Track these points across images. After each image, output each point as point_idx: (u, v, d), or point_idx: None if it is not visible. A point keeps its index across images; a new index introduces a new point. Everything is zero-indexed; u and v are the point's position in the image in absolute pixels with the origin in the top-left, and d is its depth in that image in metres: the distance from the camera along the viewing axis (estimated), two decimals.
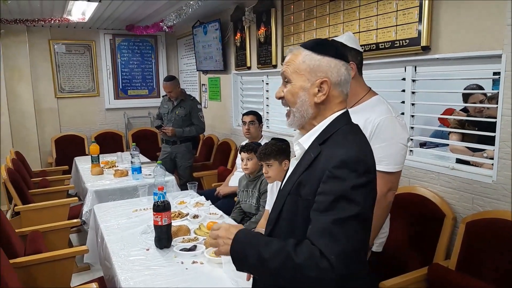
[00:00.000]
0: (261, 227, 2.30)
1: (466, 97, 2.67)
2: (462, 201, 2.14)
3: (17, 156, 4.22)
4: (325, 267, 0.97)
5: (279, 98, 1.22)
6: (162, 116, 4.31)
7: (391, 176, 1.61)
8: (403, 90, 2.48)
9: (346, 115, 1.19)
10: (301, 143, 1.19)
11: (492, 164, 2.01)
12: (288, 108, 1.20)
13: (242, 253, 1.10)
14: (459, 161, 2.40)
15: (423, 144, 2.99)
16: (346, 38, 1.70)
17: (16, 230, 2.64)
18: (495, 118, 1.98)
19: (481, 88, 2.67)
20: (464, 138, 2.56)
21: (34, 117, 5.43)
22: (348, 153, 1.05)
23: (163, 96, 4.48)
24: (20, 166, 4.00)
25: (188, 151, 4.29)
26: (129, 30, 5.56)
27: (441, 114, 2.97)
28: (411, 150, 2.49)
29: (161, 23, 4.53)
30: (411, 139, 2.48)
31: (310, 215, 1.06)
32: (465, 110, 2.94)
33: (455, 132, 2.62)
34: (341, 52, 1.18)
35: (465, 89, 2.63)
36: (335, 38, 1.71)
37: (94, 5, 4.06)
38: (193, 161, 4.44)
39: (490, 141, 2.04)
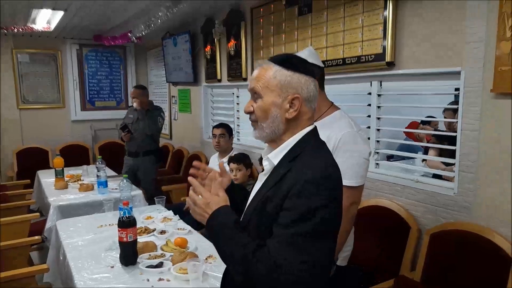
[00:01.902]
0: None
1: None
2: (426, 213, 2.19)
3: None
4: (275, 278, 1.00)
5: (248, 113, 1.21)
6: (127, 126, 4.21)
7: (354, 190, 1.62)
8: (369, 105, 2.53)
9: (315, 131, 1.20)
10: (270, 159, 1.19)
11: (453, 177, 2.07)
12: (255, 121, 1.20)
13: (213, 234, 1.15)
14: (435, 176, 2.44)
15: (390, 157, 3.06)
16: (307, 54, 1.70)
17: None
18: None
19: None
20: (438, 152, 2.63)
21: None
22: (315, 172, 1.06)
23: (129, 107, 4.40)
24: None
25: (151, 164, 4.21)
26: (97, 41, 5.45)
27: (405, 127, 3.06)
28: (377, 163, 2.54)
29: (129, 34, 4.47)
30: (377, 152, 2.53)
31: (273, 228, 1.07)
32: (427, 123, 3.04)
33: (428, 146, 2.69)
34: (310, 68, 1.20)
35: (449, 104, 2.66)
36: (297, 53, 1.73)
37: (60, 13, 3.97)
38: (156, 175, 4.36)
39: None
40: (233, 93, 4.11)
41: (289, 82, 1.13)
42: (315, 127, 1.21)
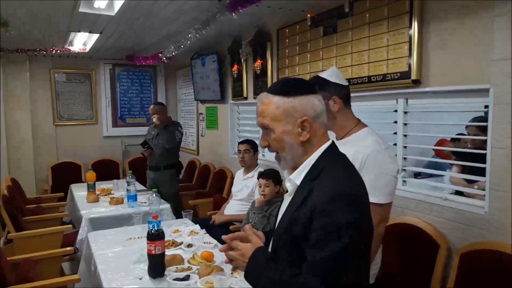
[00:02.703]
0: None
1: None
2: (456, 231, 2.15)
3: (13, 183, 4.21)
4: None
5: (265, 147, 1.24)
6: (147, 142, 4.35)
7: (382, 207, 1.61)
8: (395, 122, 2.53)
9: (333, 147, 1.22)
10: (292, 180, 1.21)
11: (484, 195, 2.03)
12: (276, 153, 1.23)
13: (254, 279, 1.16)
14: (458, 192, 2.41)
15: (417, 174, 3.02)
16: (329, 73, 1.74)
17: (8, 258, 2.61)
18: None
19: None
20: (462, 169, 2.59)
21: (32, 144, 5.46)
22: (339, 188, 1.07)
23: (150, 124, 4.55)
24: (15, 193, 4.00)
25: (171, 177, 4.33)
26: (129, 60, 5.67)
27: (434, 145, 3.02)
28: (404, 181, 2.51)
29: (160, 54, 4.64)
30: (404, 170, 2.52)
31: (305, 252, 1.07)
32: (456, 140, 2.99)
33: (454, 163, 2.65)
34: (307, 86, 1.22)
35: (471, 121, 2.65)
36: (319, 74, 1.77)
37: (96, 36, 4.17)
38: (177, 188, 4.46)
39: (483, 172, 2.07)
40: None
41: (293, 107, 1.15)
42: (333, 142, 1.23)
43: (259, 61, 3.86)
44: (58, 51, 4.87)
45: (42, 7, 3.08)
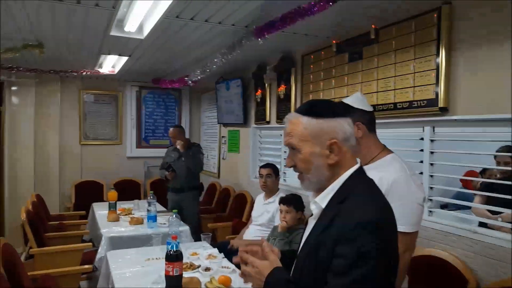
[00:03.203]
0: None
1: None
2: (485, 266, 2.05)
3: (38, 199, 4.30)
4: None
5: (290, 166, 1.22)
6: (170, 166, 4.40)
7: (407, 236, 1.56)
8: (422, 150, 2.48)
9: (361, 171, 1.19)
10: (317, 202, 1.18)
11: (511, 228, 1.95)
12: (300, 173, 1.21)
13: None
14: (481, 224, 2.32)
15: (444, 206, 2.92)
16: (353, 99, 1.73)
17: (29, 273, 2.64)
18: None
19: None
20: (488, 200, 2.49)
21: (58, 162, 5.59)
22: (366, 215, 1.04)
23: (168, 147, 4.61)
24: (39, 209, 4.07)
25: (194, 198, 4.38)
26: (155, 83, 5.81)
27: (463, 175, 2.92)
28: (430, 211, 2.43)
29: (186, 78, 4.74)
30: (430, 200, 2.44)
31: (327, 277, 1.05)
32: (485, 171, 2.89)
33: (478, 194, 2.56)
34: (337, 109, 1.20)
35: (497, 151, 2.57)
36: (343, 100, 1.76)
37: (124, 59, 4.31)
38: (199, 210, 4.50)
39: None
40: (281, 135, 4.18)
41: (322, 129, 1.14)
42: (361, 166, 1.21)
43: (283, 86, 3.89)
44: (88, 72, 5.04)
45: (76, 30, 3.21)
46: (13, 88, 5.23)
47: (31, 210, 3.66)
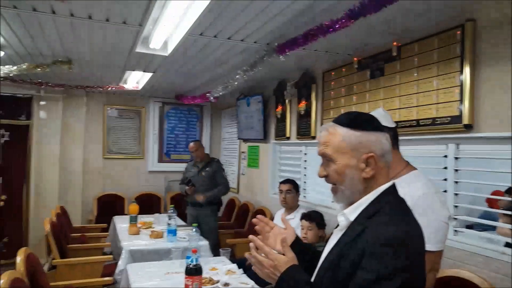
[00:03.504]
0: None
1: None
2: None
3: (61, 211, 4.39)
4: None
5: (323, 176, 1.21)
6: (191, 180, 4.43)
7: (432, 255, 1.52)
8: (445, 167, 2.43)
9: (393, 188, 1.17)
10: (346, 214, 1.17)
11: None
12: (333, 185, 1.19)
13: None
14: (508, 245, 2.25)
15: (470, 226, 2.84)
16: (377, 113, 1.68)
17: (51, 283, 2.68)
18: None
19: None
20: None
21: (82, 175, 5.71)
22: (395, 232, 1.03)
23: (187, 163, 4.69)
24: (63, 220, 4.16)
25: (212, 214, 4.41)
26: (178, 99, 5.93)
27: (488, 195, 2.84)
28: (455, 230, 2.37)
29: (207, 94, 4.82)
30: (455, 218, 2.38)
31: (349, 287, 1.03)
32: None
33: (504, 213, 2.49)
34: (376, 123, 1.19)
35: None
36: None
37: (149, 75, 4.42)
38: (217, 225, 4.50)
39: None
40: (301, 151, 4.17)
41: (360, 142, 1.13)
42: (394, 184, 1.19)
43: (303, 102, 3.90)
44: (113, 88, 5.18)
45: (103, 46, 3.32)
46: (41, 102, 5.41)
47: (55, 222, 3.74)
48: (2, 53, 3.49)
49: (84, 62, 3.90)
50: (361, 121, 1.17)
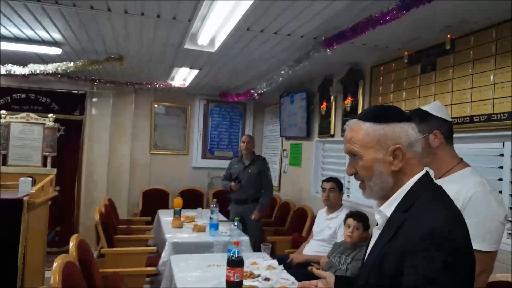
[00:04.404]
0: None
1: None
2: None
3: (109, 202, 4.57)
4: None
5: (351, 174, 1.19)
6: (231, 177, 4.42)
7: (485, 256, 1.44)
8: (501, 167, 2.29)
9: (427, 177, 1.13)
10: (382, 211, 1.14)
11: None
12: (362, 181, 1.18)
13: None
14: None
15: None
16: (432, 107, 1.67)
17: (100, 270, 2.80)
18: None
19: None
20: None
21: (129, 169, 5.93)
22: (434, 224, 0.98)
23: (231, 158, 4.69)
24: (110, 212, 4.33)
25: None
26: (222, 97, 6.01)
27: None
28: (510, 233, 2.22)
29: (252, 91, 4.84)
30: (510, 221, 2.23)
31: None
32: None
33: None
34: (399, 113, 1.16)
35: None
36: (421, 107, 1.69)
37: (195, 72, 4.50)
38: (262, 222, 4.45)
39: None
40: None
41: (385, 134, 1.11)
42: (427, 172, 1.14)
43: (349, 98, 3.82)
44: (161, 85, 5.33)
45: (153, 43, 3.43)
46: (94, 99, 5.69)
47: (103, 213, 3.90)
48: (60, 51, 3.69)
49: (134, 58, 4.04)
50: (384, 114, 1.14)
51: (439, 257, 0.94)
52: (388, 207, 1.12)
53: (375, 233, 1.18)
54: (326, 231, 3.36)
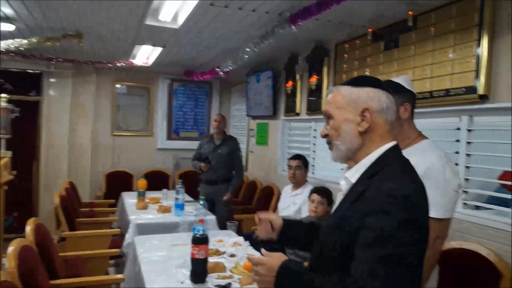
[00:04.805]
0: None
1: None
2: None
3: (70, 185, 4.42)
4: None
5: (324, 136, 1.22)
6: (201, 157, 4.35)
7: (440, 223, 1.49)
8: (458, 140, 2.37)
9: (396, 149, 1.15)
10: (348, 178, 1.16)
11: None
12: (330, 143, 1.20)
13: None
14: None
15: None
16: (402, 80, 1.70)
17: (60, 254, 2.71)
18: None
19: None
20: None
21: (90, 152, 5.74)
22: (399, 187, 1.00)
23: (201, 138, 4.60)
24: (72, 195, 4.19)
25: (228, 191, 4.33)
26: (187, 76, 5.87)
27: (500, 178, 2.76)
28: (465, 203, 2.32)
29: (217, 69, 4.75)
30: (466, 192, 2.33)
31: (355, 250, 1.01)
32: None
33: None
34: (378, 82, 1.19)
35: None
36: (392, 79, 1.71)
37: (158, 50, 4.36)
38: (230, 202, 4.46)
39: None
40: (311, 127, 4.12)
41: (358, 96, 1.14)
42: (397, 144, 1.16)
43: (314, 76, 3.82)
44: (123, 64, 5.14)
45: (112, 20, 3.28)
46: (51, 79, 5.42)
47: (64, 195, 3.77)
48: (13, 27, 3.47)
49: (94, 36, 3.86)
50: (362, 79, 1.19)
51: (398, 215, 0.96)
52: (355, 174, 1.14)
53: (339, 198, 1.20)
54: (291, 207, 3.40)
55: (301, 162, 3.43)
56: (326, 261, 1.12)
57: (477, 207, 2.43)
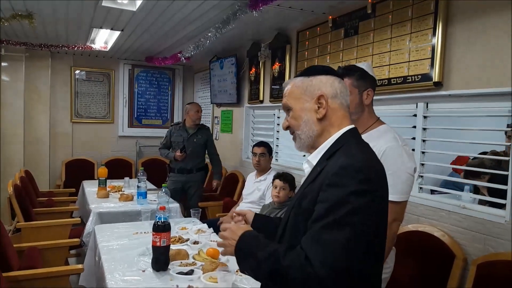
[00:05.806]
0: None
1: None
2: (474, 241, 2.05)
3: (26, 174, 4.24)
4: (309, 272, 0.95)
5: (286, 128, 1.25)
6: (173, 145, 4.29)
7: (396, 206, 1.55)
8: (414, 126, 2.45)
9: (354, 131, 1.18)
10: (310, 160, 1.20)
11: (505, 204, 1.93)
12: (293, 132, 1.23)
13: (243, 255, 1.14)
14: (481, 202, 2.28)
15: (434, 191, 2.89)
16: (366, 66, 1.75)
17: (14, 245, 2.60)
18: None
19: None
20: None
21: (48, 140, 5.52)
22: (349, 160, 1.03)
23: (171, 125, 4.49)
24: (28, 184, 4.02)
25: (202, 180, 4.32)
26: (149, 62, 5.71)
27: (452, 163, 2.88)
28: (421, 187, 2.42)
29: (179, 54, 4.66)
30: (421, 176, 2.42)
31: (308, 224, 1.04)
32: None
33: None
34: (329, 69, 1.23)
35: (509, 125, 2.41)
36: (357, 64, 1.74)
37: (117, 34, 4.22)
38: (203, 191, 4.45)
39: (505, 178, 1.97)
40: (274, 114, 4.13)
41: (311, 85, 1.17)
42: (355, 127, 1.19)
43: (277, 63, 3.83)
44: (80, 48, 4.93)
45: (67, 0, 3.12)
46: (3, 63, 5.12)
47: (18, 185, 3.60)
48: None
49: (47, 17, 3.67)
50: (313, 69, 1.22)
51: (349, 186, 0.98)
52: (315, 156, 1.18)
53: (302, 181, 1.24)
54: (255, 193, 3.42)
55: (266, 149, 3.44)
56: (288, 237, 1.14)
57: (432, 191, 2.54)
